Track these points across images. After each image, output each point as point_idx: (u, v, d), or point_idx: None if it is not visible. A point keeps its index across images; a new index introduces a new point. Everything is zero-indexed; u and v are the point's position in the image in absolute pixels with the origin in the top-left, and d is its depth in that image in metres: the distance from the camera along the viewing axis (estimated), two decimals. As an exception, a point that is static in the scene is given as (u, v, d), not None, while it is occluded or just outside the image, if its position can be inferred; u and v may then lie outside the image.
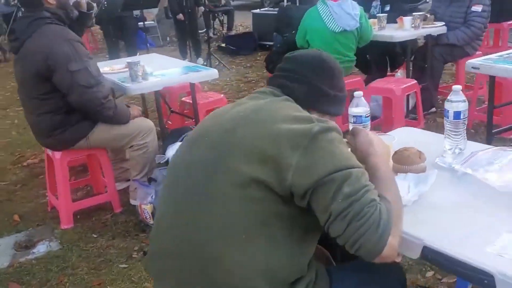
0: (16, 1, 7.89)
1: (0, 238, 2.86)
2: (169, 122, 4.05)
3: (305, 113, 1.20)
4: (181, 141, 2.35)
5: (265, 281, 1.11)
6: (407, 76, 4.06)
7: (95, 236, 2.81)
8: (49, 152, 2.93)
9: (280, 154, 1.09)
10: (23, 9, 3.03)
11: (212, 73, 3.27)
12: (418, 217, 1.23)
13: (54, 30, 2.63)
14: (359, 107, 1.57)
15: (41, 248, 2.72)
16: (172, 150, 2.85)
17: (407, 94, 3.71)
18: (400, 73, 4.36)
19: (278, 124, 1.13)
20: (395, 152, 1.48)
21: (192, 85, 3.24)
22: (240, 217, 1.11)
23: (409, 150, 1.46)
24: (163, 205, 1.30)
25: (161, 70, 3.30)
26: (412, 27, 4.02)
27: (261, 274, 1.11)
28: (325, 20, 3.61)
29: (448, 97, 1.51)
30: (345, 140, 1.26)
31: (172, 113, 3.84)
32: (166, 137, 3.19)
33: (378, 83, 3.73)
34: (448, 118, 1.52)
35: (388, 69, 4.63)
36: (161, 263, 1.24)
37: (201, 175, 1.17)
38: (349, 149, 1.19)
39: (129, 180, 3.10)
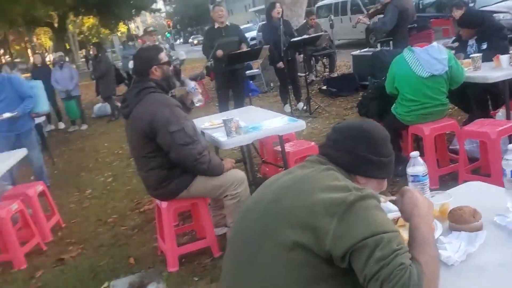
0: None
1: (118, 279, 3.28)
2: (266, 169, 4.32)
3: (343, 182, 1.34)
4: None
5: None
6: (507, 117, 3.89)
7: (196, 279, 3.10)
8: (158, 202, 3.33)
9: (317, 222, 1.24)
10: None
11: (299, 125, 3.49)
12: (461, 277, 1.28)
13: (157, 98, 3.05)
14: (416, 166, 1.65)
15: (151, 290, 3.08)
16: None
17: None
18: (501, 113, 4.18)
19: (317, 194, 1.29)
20: (450, 211, 1.54)
21: (280, 137, 3.48)
22: (284, 278, 1.27)
23: (462, 209, 1.51)
24: (226, 257, 1.51)
25: (255, 122, 3.60)
26: (511, 65, 3.87)
27: None
28: (412, 67, 3.65)
29: (505, 156, 1.54)
30: (392, 198, 1.37)
31: (263, 162, 4.10)
32: (257, 183, 3.44)
33: (472, 126, 3.63)
34: (506, 176, 1.54)
35: (490, 108, 4.46)
36: None
37: (252, 239, 1.36)
38: (390, 213, 1.30)
39: (227, 226, 3.38)
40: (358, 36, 15.52)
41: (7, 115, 4.91)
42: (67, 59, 10.09)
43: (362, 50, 8.76)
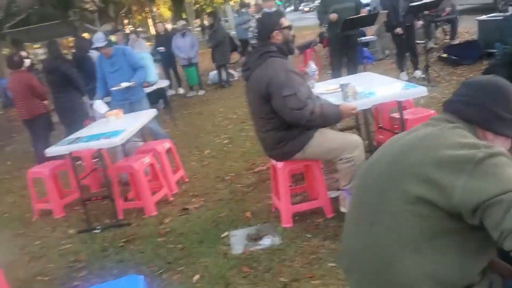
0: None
1: (236, 230, 3.55)
2: (380, 136, 4.30)
3: (471, 140, 1.34)
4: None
5: (433, 284, 1.31)
6: None
7: (309, 236, 3.25)
8: (274, 162, 3.50)
9: (444, 178, 1.27)
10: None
11: (420, 91, 3.40)
12: None
13: (276, 62, 3.18)
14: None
15: (266, 242, 3.29)
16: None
17: None
18: None
19: (444, 150, 1.31)
20: None
21: (399, 103, 3.43)
22: (408, 229, 1.33)
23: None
24: (348, 215, 1.60)
25: (372, 88, 3.58)
26: None
27: (429, 278, 1.31)
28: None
29: None
30: None
31: (379, 129, 4.07)
32: (373, 151, 3.45)
33: None
34: None
35: None
36: (347, 261, 1.54)
37: (376, 194, 1.43)
38: None
39: (339, 189, 3.46)
40: (484, 1, 14.25)
41: (125, 84, 5.25)
42: (190, 27, 10.62)
43: (489, 15, 8.08)
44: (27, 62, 6.50)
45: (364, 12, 6.42)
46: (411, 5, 6.68)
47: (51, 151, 4.13)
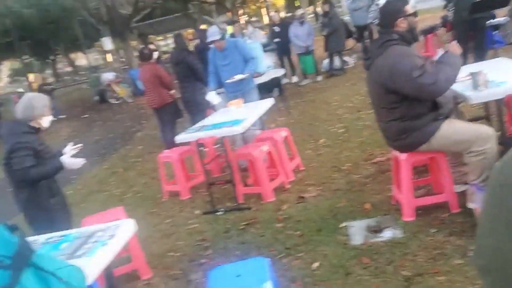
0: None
1: (355, 221, 3.54)
2: (514, 128, 3.96)
3: None
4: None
5: None
6: None
7: (433, 231, 3.13)
8: (396, 153, 3.41)
9: None
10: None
11: None
12: None
13: (398, 50, 3.07)
14: None
15: (387, 234, 3.24)
16: None
17: None
18: None
19: None
20: None
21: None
22: None
23: None
24: (483, 210, 1.51)
25: (505, 76, 3.31)
26: None
27: None
28: None
29: None
30: None
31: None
32: (506, 143, 3.21)
33: None
34: None
35: None
36: (482, 260, 1.46)
37: None
38: None
39: (467, 183, 3.27)
40: None
41: (238, 77, 5.35)
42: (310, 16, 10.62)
43: None
44: (155, 54, 7.04)
45: None
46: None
47: (180, 138, 4.46)
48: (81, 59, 55.38)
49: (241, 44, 5.71)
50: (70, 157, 3.25)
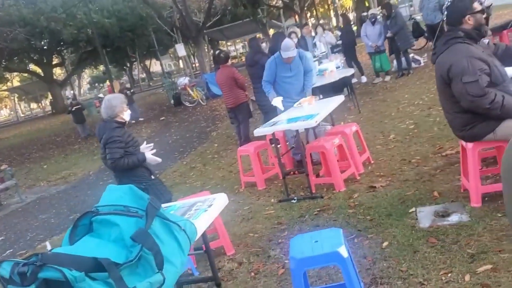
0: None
1: (424, 207, 3.75)
2: None
3: None
4: None
5: None
6: None
7: (499, 215, 3.29)
8: (463, 143, 3.60)
9: None
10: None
11: None
12: None
13: (460, 48, 3.25)
14: None
15: (454, 218, 3.44)
16: None
17: None
18: None
19: None
20: None
21: None
22: None
23: None
24: None
25: None
26: None
27: None
28: None
29: None
30: None
31: None
32: None
33: None
34: None
35: None
36: None
37: None
38: None
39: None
40: None
41: (304, 103, 5.33)
42: (378, 17, 10.75)
43: None
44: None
45: None
46: None
47: (258, 131, 4.87)
48: (154, 66, 58.13)
49: (305, 55, 5.86)
50: (150, 153, 3.88)
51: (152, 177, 4.08)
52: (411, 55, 11.10)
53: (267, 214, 4.61)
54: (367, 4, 33.40)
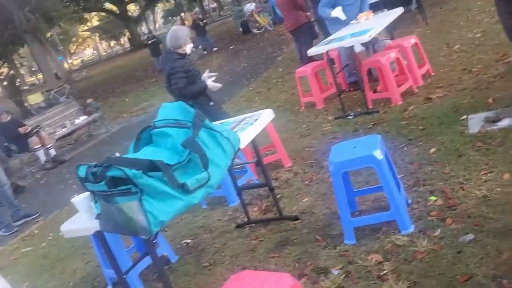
0: None
1: (476, 114, 3.77)
2: None
3: None
4: None
5: None
6: None
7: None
8: (519, 46, 3.51)
9: None
10: None
11: None
12: None
13: None
14: None
15: (504, 123, 3.44)
16: None
17: None
18: None
19: None
20: None
21: None
22: None
23: None
24: None
25: None
26: None
27: None
28: None
29: None
30: None
31: None
32: None
33: None
34: None
35: None
36: None
37: None
38: None
39: None
40: None
41: (363, 19, 5.36)
42: None
43: None
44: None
45: None
46: None
47: (312, 51, 4.98)
48: (224, -5, 57.58)
49: None
50: (211, 81, 4.12)
51: (211, 103, 4.36)
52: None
53: (323, 131, 4.83)
54: None
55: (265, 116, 2.99)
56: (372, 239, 2.71)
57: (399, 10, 5.41)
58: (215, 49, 16.92)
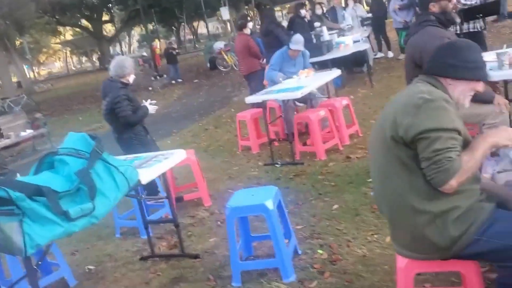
0: None
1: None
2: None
3: (420, 88, 1.82)
4: None
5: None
6: None
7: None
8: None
9: (402, 118, 1.77)
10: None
11: None
12: None
13: (431, 31, 3.49)
14: None
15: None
16: None
17: None
18: None
19: (403, 100, 1.82)
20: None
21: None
22: (387, 157, 1.88)
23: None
24: None
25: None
26: None
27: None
28: None
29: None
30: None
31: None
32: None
33: None
34: None
35: None
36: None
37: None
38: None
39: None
40: None
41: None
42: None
43: None
44: (250, 25, 7.84)
45: None
46: None
47: (248, 99, 5.26)
48: (202, 28, 58.66)
49: (306, 53, 6.20)
50: (149, 105, 4.34)
51: (148, 136, 4.52)
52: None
53: (250, 175, 5.05)
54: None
55: (176, 156, 3.17)
56: (256, 283, 2.89)
57: (336, 72, 5.79)
58: (180, 80, 17.18)
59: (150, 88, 16.99)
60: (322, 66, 7.63)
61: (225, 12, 26.56)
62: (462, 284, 1.98)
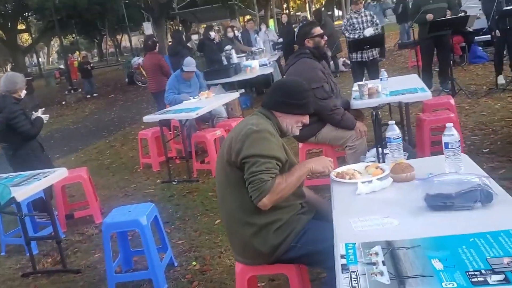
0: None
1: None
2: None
3: (251, 121, 2.15)
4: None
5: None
6: None
7: None
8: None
9: (235, 145, 2.10)
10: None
11: (424, 95, 3.86)
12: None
13: (307, 62, 3.93)
14: (389, 131, 2.20)
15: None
16: (370, 153, 3.75)
17: None
18: None
19: (239, 129, 2.15)
20: (394, 165, 2.09)
21: (406, 104, 3.93)
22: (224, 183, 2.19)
23: (400, 164, 2.05)
24: None
25: (400, 89, 4.07)
26: None
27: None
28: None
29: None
30: None
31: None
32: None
33: None
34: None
35: None
36: None
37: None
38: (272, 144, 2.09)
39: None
40: None
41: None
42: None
43: None
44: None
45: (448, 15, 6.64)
46: (504, 9, 6.60)
47: (146, 118, 5.46)
48: (126, 41, 57.66)
49: (199, 74, 6.67)
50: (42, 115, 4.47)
51: (44, 153, 4.59)
52: (342, 59, 11.82)
53: (146, 192, 5.22)
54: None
55: (57, 174, 3.30)
56: (129, 295, 3.08)
57: (234, 95, 6.15)
58: (95, 95, 16.90)
59: (63, 102, 16.56)
60: (230, 87, 8.01)
61: (147, 27, 26.40)
62: (290, 285, 2.31)
